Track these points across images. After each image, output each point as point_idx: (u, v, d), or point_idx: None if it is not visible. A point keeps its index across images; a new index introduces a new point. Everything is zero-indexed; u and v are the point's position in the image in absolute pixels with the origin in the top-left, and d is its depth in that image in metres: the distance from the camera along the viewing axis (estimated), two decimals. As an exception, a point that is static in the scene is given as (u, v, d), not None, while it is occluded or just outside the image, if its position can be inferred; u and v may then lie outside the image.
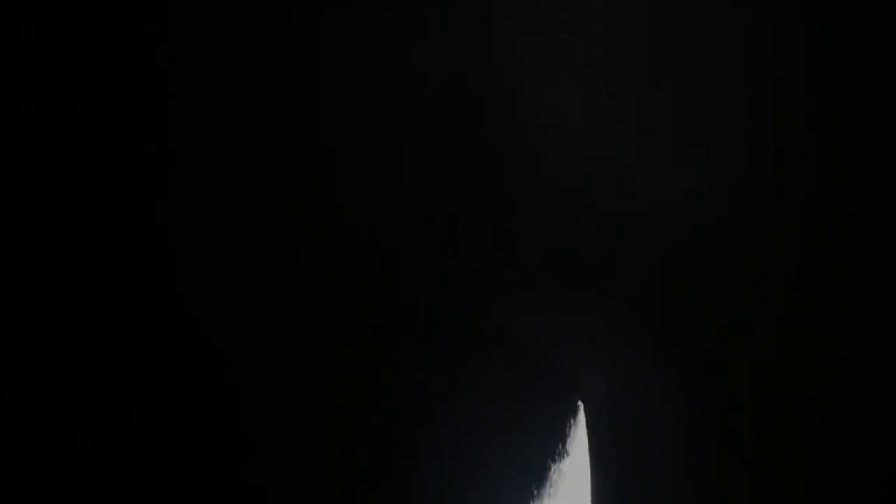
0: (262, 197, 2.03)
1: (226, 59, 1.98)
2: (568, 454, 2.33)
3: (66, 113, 2.01)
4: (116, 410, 2.00)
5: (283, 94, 2.00)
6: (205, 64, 1.98)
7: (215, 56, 1.98)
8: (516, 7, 1.94)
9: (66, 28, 1.97)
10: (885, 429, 1.75)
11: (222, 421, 2.03)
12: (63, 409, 1.99)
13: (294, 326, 2.05)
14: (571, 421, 2.30)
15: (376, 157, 2.02)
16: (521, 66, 1.99)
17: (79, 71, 1.99)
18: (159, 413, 2.01)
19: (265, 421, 2.04)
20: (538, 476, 2.26)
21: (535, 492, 2.24)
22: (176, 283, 2.03)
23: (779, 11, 1.82)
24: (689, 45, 1.89)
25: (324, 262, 2.05)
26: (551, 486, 2.28)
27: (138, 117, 1.99)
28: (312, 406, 2.06)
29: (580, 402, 2.34)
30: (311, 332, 2.06)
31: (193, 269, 2.03)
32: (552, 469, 2.28)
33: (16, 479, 1.96)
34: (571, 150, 2.04)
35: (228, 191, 2.03)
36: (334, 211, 2.04)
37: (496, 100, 2.01)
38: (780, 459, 1.85)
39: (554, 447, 2.29)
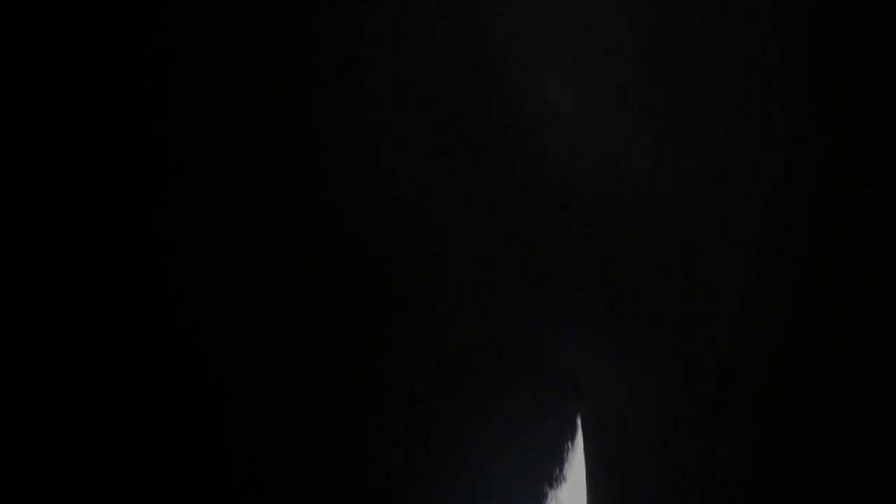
0: (261, 197, 2.04)
1: (223, 59, 1.99)
2: (566, 480, 2.31)
3: (67, 113, 2.02)
4: (114, 410, 2.00)
5: (276, 95, 2.01)
6: (202, 64, 2.00)
7: (212, 56, 1.99)
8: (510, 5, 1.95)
9: (67, 28, 1.99)
10: (885, 429, 1.74)
11: (221, 421, 2.02)
12: (62, 409, 1.99)
13: (293, 327, 2.05)
14: (570, 443, 2.29)
15: (368, 158, 2.03)
16: (521, 68, 2.00)
17: (78, 70, 2.01)
18: (158, 413, 2.01)
19: (262, 422, 2.03)
20: (536, 496, 2.24)
21: None
22: (173, 283, 2.03)
23: (779, 11, 1.83)
24: (688, 44, 1.91)
25: (323, 262, 2.05)
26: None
27: (132, 117, 2.00)
28: (311, 407, 2.05)
29: (578, 415, 2.32)
30: (310, 332, 2.05)
31: (193, 269, 2.03)
32: (549, 495, 2.26)
33: (15, 479, 1.95)
34: (572, 153, 2.04)
35: (227, 191, 2.03)
36: (334, 211, 2.04)
37: (493, 101, 2.02)
38: (781, 461, 1.84)
39: (552, 468, 2.27)
